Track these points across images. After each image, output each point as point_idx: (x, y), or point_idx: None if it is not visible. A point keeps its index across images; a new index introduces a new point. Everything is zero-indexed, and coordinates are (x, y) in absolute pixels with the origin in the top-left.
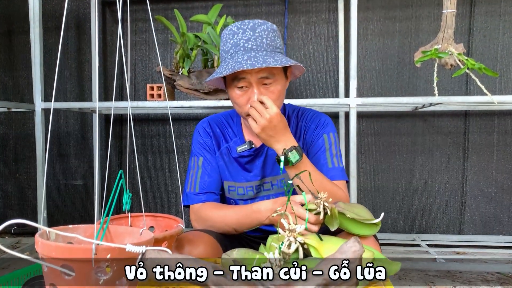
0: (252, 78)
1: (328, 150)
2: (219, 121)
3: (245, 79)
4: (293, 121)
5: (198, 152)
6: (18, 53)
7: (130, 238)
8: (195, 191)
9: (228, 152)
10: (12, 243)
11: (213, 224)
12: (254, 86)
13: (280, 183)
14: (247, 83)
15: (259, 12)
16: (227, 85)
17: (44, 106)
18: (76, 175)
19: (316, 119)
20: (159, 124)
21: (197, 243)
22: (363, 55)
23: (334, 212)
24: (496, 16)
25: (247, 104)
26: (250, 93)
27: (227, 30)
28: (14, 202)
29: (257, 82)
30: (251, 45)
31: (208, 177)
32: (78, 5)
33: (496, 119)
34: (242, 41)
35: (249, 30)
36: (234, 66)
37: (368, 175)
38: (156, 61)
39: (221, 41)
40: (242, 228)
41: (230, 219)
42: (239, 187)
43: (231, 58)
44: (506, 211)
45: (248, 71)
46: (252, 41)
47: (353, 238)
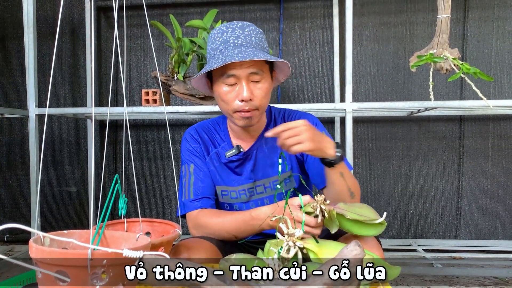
0: (242, 74)
1: None
2: (206, 127)
3: (234, 75)
4: (279, 122)
5: (188, 159)
6: (11, 59)
7: (127, 243)
8: (190, 198)
9: (217, 157)
10: (5, 251)
11: (213, 231)
12: (243, 81)
13: (274, 185)
14: (236, 79)
15: (254, 17)
16: (214, 82)
17: (38, 112)
18: (70, 181)
19: (304, 117)
20: (154, 129)
21: (198, 249)
22: (358, 61)
23: (333, 214)
24: (489, 21)
25: (235, 101)
26: (238, 90)
27: (216, 30)
28: (7, 209)
29: (246, 78)
30: (241, 42)
31: (201, 183)
32: (72, 11)
33: (491, 124)
34: (232, 38)
35: (238, 29)
36: (225, 59)
37: (364, 180)
38: (151, 67)
39: (209, 41)
40: (242, 234)
41: (229, 225)
42: (232, 191)
43: (220, 53)
44: (501, 215)
45: (238, 67)
46: (242, 38)
47: (353, 242)
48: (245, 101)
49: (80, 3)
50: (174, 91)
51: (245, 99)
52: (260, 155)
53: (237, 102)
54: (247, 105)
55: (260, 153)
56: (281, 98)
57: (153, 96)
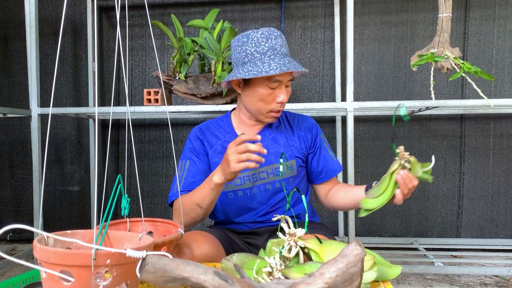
0: (284, 80)
1: (327, 147)
2: (210, 123)
3: (279, 81)
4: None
5: (186, 156)
6: (13, 58)
7: (130, 243)
8: (177, 191)
9: (222, 149)
10: (8, 250)
11: (184, 209)
12: (283, 86)
13: (276, 172)
14: (278, 84)
15: (255, 17)
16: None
17: (40, 112)
18: (73, 181)
19: (306, 119)
20: (156, 129)
21: (201, 242)
22: (359, 60)
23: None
24: (490, 20)
25: (273, 102)
26: (277, 93)
27: (258, 34)
28: (10, 209)
29: (284, 84)
30: (284, 51)
31: (192, 178)
32: (74, 11)
33: (492, 123)
34: (277, 46)
35: (279, 37)
36: (283, 67)
37: (365, 180)
38: (153, 66)
39: (251, 42)
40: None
41: (195, 197)
42: (237, 178)
43: (269, 59)
44: (502, 214)
45: (283, 74)
46: (284, 47)
47: (354, 242)
48: (281, 103)
49: (82, 3)
50: (176, 91)
51: (283, 101)
52: (263, 144)
53: (275, 103)
54: (282, 106)
55: (263, 142)
56: None
57: (155, 95)
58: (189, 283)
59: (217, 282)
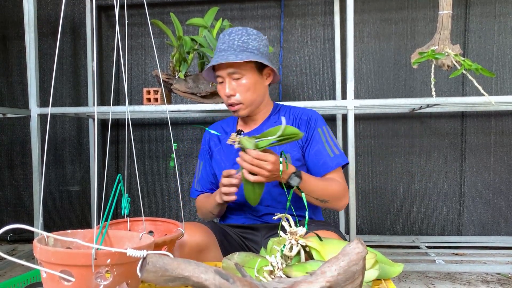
0: (223, 74)
1: (325, 142)
2: (221, 121)
3: (219, 76)
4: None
5: (200, 156)
6: (12, 58)
7: (130, 242)
8: (195, 188)
9: (224, 146)
10: (8, 250)
11: (202, 210)
12: (228, 80)
13: None
14: (221, 78)
15: (255, 15)
16: None
17: (39, 112)
18: (72, 180)
19: (306, 112)
20: (156, 128)
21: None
22: (359, 57)
23: None
24: (491, 17)
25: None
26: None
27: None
28: (10, 209)
29: (228, 77)
30: (224, 47)
31: (206, 178)
32: (73, 10)
33: (493, 120)
34: (219, 43)
35: (227, 35)
36: (214, 60)
37: (366, 178)
38: (152, 65)
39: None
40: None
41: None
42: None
43: (216, 54)
44: (504, 211)
45: (220, 68)
46: (226, 44)
47: (356, 240)
48: (227, 97)
49: (80, 2)
50: (176, 90)
51: (226, 95)
52: None
53: (225, 97)
54: (231, 99)
55: None
56: (283, 96)
57: (155, 94)
58: (190, 282)
59: (218, 281)
